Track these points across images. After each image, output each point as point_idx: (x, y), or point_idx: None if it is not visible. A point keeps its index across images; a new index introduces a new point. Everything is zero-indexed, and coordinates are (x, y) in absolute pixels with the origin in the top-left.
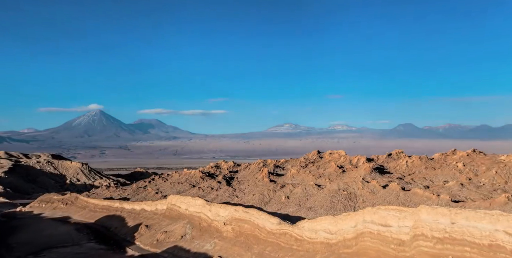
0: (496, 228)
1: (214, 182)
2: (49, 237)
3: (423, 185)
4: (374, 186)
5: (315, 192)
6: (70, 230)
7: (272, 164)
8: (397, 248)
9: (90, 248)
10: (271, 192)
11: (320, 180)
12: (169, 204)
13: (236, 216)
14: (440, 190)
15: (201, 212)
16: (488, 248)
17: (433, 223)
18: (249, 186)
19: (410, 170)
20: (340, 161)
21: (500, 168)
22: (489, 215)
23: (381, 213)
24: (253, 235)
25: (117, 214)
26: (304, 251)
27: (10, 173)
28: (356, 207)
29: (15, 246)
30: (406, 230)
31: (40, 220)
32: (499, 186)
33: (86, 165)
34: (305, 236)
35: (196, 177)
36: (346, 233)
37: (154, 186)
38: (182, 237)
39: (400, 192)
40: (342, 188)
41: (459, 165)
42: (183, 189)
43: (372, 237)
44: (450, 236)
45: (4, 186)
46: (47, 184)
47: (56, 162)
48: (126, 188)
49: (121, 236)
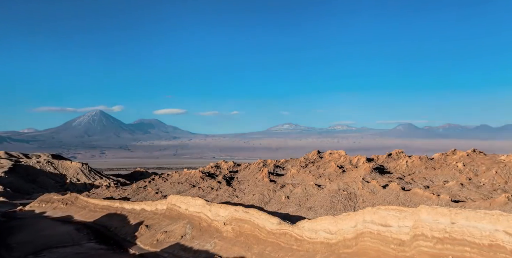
0: (496, 228)
1: (214, 182)
2: (49, 237)
3: (423, 185)
4: (374, 186)
5: (315, 192)
6: (70, 230)
7: (272, 164)
8: (397, 248)
9: (90, 248)
10: (271, 192)
11: (320, 180)
12: (169, 204)
13: (236, 216)
14: (440, 190)
15: (201, 212)
16: (488, 248)
17: (433, 223)
18: (249, 186)
19: (410, 170)
20: (340, 161)
21: (500, 168)
22: (489, 215)
23: (381, 213)
24: (253, 235)
25: (117, 214)
26: (304, 251)
27: (10, 173)
28: (356, 207)
29: (15, 246)
30: (406, 230)
31: (40, 220)
32: (499, 186)
33: (86, 165)
34: (305, 236)
35: (196, 177)
36: (346, 233)
37: (154, 186)
38: (182, 237)
39: (400, 192)
40: (342, 188)
41: (459, 165)
42: (183, 189)
43: (372, 237)
44: (450, 236)
45: (4, 186)
46: (47, 184)
47: (56, 162)
48: (126, 188)
49: (121, 236)
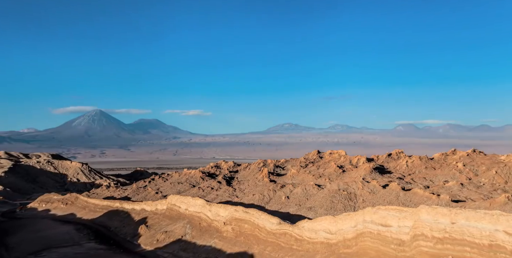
0: (496, 228)
1: (214, 182)
2: (49, 237)
3: (423, 185)
4: (374, 186)
5: (315, 192)
6: (70, 230)
7: (272, 164)
8: (397, 248)
9: (90, 248)
10: (271, 192)
11: (320, 180)
12: (169, 204)
13: (236, 216)
14: (440, 190)
15: (201, 212)
16: (488, 248)
17: (433, 223)
18: (249, 186)
19: (410, 170)
20: (340, 161)
21: (500, 168)
22: (489, 215)
23: (381, 213)
24: (253, 235)
25: (117, 214)
26: (304, 251)
27: (10, 173)
28: (356, 207)
29: (15, 246)
30: (406, 230)
31: (40, 220)
32: (499, 186)
33: (86, 165)
34: (305, 236)
35: (196, 177)
36: (346, 233)
37: (154, 186)
38: (182, 237)
39: (400, 192)
40: (342, 188)
41: (459, 165)
42: (183, 189)
43: (372, 237)
44: (450, 236)
45: (4, 186)
46: (47, 184)
47: (56, 162)
48: (126, 188)
49: (121, 236)
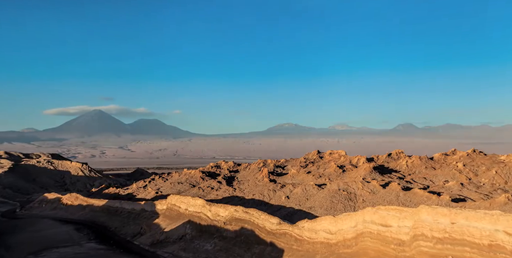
0: (496, 228)
1: (214, 182)
2: (49, 237)
3: (423, 185)
4: (374, 186)
5: (315, 192)
6: (70, 230)
7: (272, 164)
8: (397, 248)
9: (90, 248)
10: (271, 192)
11: (320, 180)
12: (169, 204)
13: (236, 216)
14: (440, 190)
15: (201, 212)
16: (488, 248)
17: (433, 223)
18: (249, 186)
19: (410, 170)
20: (340, 161)
21: (500, 168)
22: (489, 215)
23: (381, 213)
24: (253, 235)
25: (117, 214)
26: (304, 251)
27: (10, 172)
28: (356, 207)
29: (15, 246)
30: (406, 230)
31: (40, 220)
32: (499, 186)
33: (86, 165)
34: (305, 236)
35: (196, 177)
36: (346, 233)
37: (154, 186)
38: (182, 237)
39: (400, 192)
40: (342, 188)
41: (459, 165)
42: (183, 189)
43: (372, 237)
44: (450, 236)
45: (4, 185)
46: (47, 184)
47: (56, 162)
48: (127, 188)
49: (121, 236)
